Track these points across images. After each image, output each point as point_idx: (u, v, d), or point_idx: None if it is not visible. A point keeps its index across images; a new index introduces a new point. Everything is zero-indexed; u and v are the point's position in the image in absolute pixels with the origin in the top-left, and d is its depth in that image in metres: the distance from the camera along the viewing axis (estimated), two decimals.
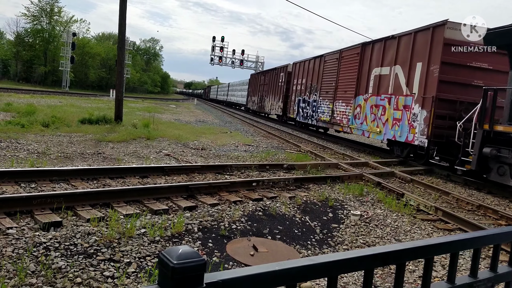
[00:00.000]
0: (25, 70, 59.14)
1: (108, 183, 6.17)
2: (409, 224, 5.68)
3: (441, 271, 4.15)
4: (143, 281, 3.28)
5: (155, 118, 16.79)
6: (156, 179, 6.72)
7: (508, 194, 8.13)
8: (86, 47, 63.89)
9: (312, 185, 7.39)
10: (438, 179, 9.51)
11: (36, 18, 59.07)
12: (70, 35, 53.63)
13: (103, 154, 8.52)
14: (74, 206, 4.81)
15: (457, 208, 6.94)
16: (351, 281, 3.76)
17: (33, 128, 11.00)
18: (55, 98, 28.58)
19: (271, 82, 27.47)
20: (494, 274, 1.54)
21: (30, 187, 5.51)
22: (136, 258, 3.64)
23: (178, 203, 5.45)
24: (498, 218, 6.39)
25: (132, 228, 4.10)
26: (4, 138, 8.99)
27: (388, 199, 6.66)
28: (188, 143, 11.31)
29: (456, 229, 5.64)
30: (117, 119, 14.59)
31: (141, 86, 79.52)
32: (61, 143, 9.31)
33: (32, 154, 7.75)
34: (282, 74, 24.95)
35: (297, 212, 5.59)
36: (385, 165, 10.50)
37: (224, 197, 6.00)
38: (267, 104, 28.41)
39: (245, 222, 4.94)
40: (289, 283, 1.01)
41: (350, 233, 5.14)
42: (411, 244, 1.28)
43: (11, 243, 3.59)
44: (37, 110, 15.20)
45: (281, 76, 25.12)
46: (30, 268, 3.17)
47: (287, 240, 4.70)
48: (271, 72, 28.39)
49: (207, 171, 7.64)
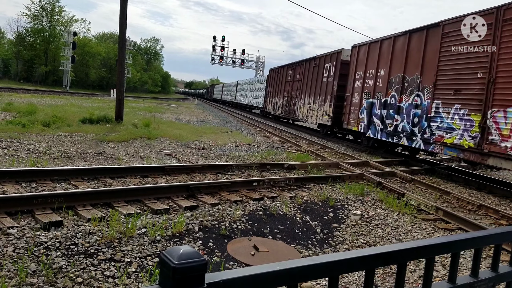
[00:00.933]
0: (25, 69, 59.20)
1: (109, 182, 6.17)
2: (410, 224, 5.68)
3: (442, 270, 4.15)
4: (144, 281, 3.29)
5: (155, 118, 16.80)
6: (157, 179, 6.72)
7: (509, 194, 8.12)
8: (86, 46, 63.96)
9: (312, 185, 7.39)
10: (438, 178, 9.50)
11: (37, 17, 59.18)
12: (70, 34, 53.68)
13: (104, 154, 8.52)
14: (75, 205, 4.82)
15: (458, 208, 6.93)
16: (352, 281, 3.76)
17: (34, 127, 11.01)
18: (55, 97, 28.60)
19: (308, 78, 19.71)
20: (495, 274, 1.54)
21: (31, 186, 5.52)
22: (137, 258, 3.64)
23: (179, 202, 5.46)
24: (499, 218, 6.38)
25: (133, 227, 4.10)
26: (5, 137, 9.00)
27: (388, 198, 6.66)
28: (189, 143, 11.31)
29: (457, 229, 5.63)
30: (118, 119, 14.59)
31: (142, 86, 79.60)
32: (62, 143, 9.31)
33: (33, 154, 7.76)
34: (329, 65, 17.26)
35: (297, 212, 5.59)
36: (386, 164, 10.50)
37: (225, 196, 6.00)
38: (300, 109, 20.54)
39: (245, 221, 4.94)
40: (290, 283, 1.01)
41: (351, 233, 5.14)
42: (412, 244, 1.28)
43: (12, 242, 3.59)
44: (37, 109, 15.21)
45: (327, 68, 17.40)
46: (31, 267, 3.18)
47: (288, 240, 4.70)
48: (306, 64, 20.22)
49: (208, 171, 7.64)
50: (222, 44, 52.81)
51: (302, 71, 20.78)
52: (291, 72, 22.78)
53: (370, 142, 13.40)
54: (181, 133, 13.28)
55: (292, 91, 22.10)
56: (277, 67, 26.70)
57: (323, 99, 17.42)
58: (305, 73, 20.24)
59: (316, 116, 18.11)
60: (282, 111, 24.24)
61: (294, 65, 22.64)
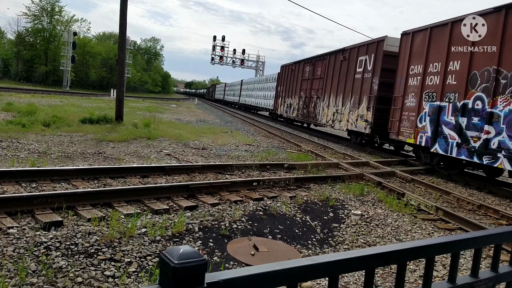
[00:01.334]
0: (26, 69, 59.22)
1: (109, 182, 6.17)
2: (409, 223, 5.68)
3: (442, 270, 4.15)
4: (144, 281, 3.29)
5: (155, 118, 16.80)
6: (157, 179, 6.72)
7: (509, 194, 8.12)
8: (87, 46, 63.99)
9: (312, 185, 7.39)
10: (438, 178, 9.50)
11: (37, 17, 59.19)
12: (71, 34, 53.73)
13: (104, 154, 8.53)
14: (75, 205, 4.82)
15: (458, 207, 6.94)
16: (352, 281, 3.76)
17: (34, 127, 11.01)
18: (56, 97, 28.61)
19: (333, 75, 16.36)
20: (495, 274, 1.54)
21: (31, 186, 5.52)
22: (137, 258, 3.64)
23: (179, 202, 5.46)
24: (499, 218, 6.38)
25: (133, 227, 4.10)
26: (5, 137, 9.00)
27: (388, 198, 6.66)
28: (189, 143, 11.32)
29: (457, 228, 5.63)
30: (118, 119, 14.60)
31: (142, 86, 79.62)
32: (62, 143, 9.31)
33: (33, 154, 7.76)
34: (364, 58, 13.84)
35: (297, 212, 5.59)
36: (386, 164, 10.50)
37: (225, 196, 6.00)
38: (323, 112, 17.24)
39: (245, 221, 4.94)
40: (290, 283, 1.01)
41: (351, 233, 5.14)
42: (412, 244, 1.28)
43: (12, 242, 3.60)
44: (38, 109, 15.22)
45: (362, 62, 13.99)
46: (31, 267, 3.18)
47: (287, 240, 4.71)
48: (331, 58, 16.80)
49: (208, 171, 7.64)
50: (222, 44, 52.88)
51: (325, 66, 17.35)
52: (310, 68, 19.43)
53: (435, 160, 10.15)
54: (181, 133, 13.29)
55: (312, 90, 18.96)
56: (290, 63, 23.44)
57: (357, 100, 14.05)
58: (329, 69, 16.90)
59: (347, 122, 14.71)
60: (298, 113, 20.92)
61: (313, 60, 19.20)
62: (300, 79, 20.79)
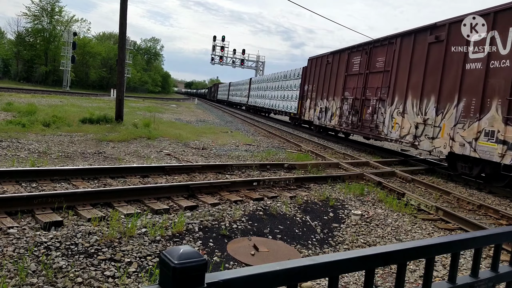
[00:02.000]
0: (26, 69, 59.23)
1: (109, 182, 6.17)
2: (410, 223, 5.68)
3: (442, 270, 4.15)
4: (144, 281, 3.29)
5: (155, 118, 16.80)
6: (157, 179, 6.72)
7: (509, 194, 8.12)
8: (87, 46, 63.97)
9: (312, 185, 7.39)
10: (439, 178, 9.50)
11: (37, 17, 59.17)
12: (71, 34, 53.70)
13: (104, 154, 8.53)
14: (75, 205, 4.82)
15: (458, 207, 6.94)
16: (352, 281, 3.76)
17: (34, 127, 11.01)
18: (56, 97, 28.61)
19: (412, 66, 11.06)
20: (495, 274, 1.54)
21: (31, 186, 5.52)
22: (137, 258, 3.64)
23: (179, 202, 5.46)
24: (499, 218, 6.38)
25: (133, 227, 4.10)
26: (5, 137, 9.00)
27: (389, 198, 6.66)
28: (189, 143, 11.32)
29: (457, 228, 5.63)
30: (118, 119, 14.60)
31: (142, 86, 79.59)
32: (62, 143, 9.31)
33: (33, 154, 7.76)
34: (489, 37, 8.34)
35: (297, 212, 5.59)
36: (386, 164, 10.50)
37: (225, 196, 6.00)
38: (390, 121, 11.96)
39: (245, 221, 4.94)
40: (290, 283, 1.00)
41: (351, 233, 5.14)
42: (412, 244, 1.28)
43: (12, 242, 3.60)
44: (38, 109, 15.22)
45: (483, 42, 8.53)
46: (31, 267, 3.18)
47: (288, 240, 4.70)
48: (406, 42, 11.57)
49: (208, 171, 7.64)
50: (222, 44, 52.83)
51: (393, 54, 12.10)
52: (362, 59, 14.17)
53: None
54: (181, 133, 13.29)
55: (367, 89, 13.67)
56: (323, 54, 17.82)
57: (472, 106, 8.74)
58: (401, 58, 11.66)
59: (450, 140, 9.25)
60: (341, 121, 15.51)
61: (367, 47, 13.86)
62: (343, 74, 15.49)
